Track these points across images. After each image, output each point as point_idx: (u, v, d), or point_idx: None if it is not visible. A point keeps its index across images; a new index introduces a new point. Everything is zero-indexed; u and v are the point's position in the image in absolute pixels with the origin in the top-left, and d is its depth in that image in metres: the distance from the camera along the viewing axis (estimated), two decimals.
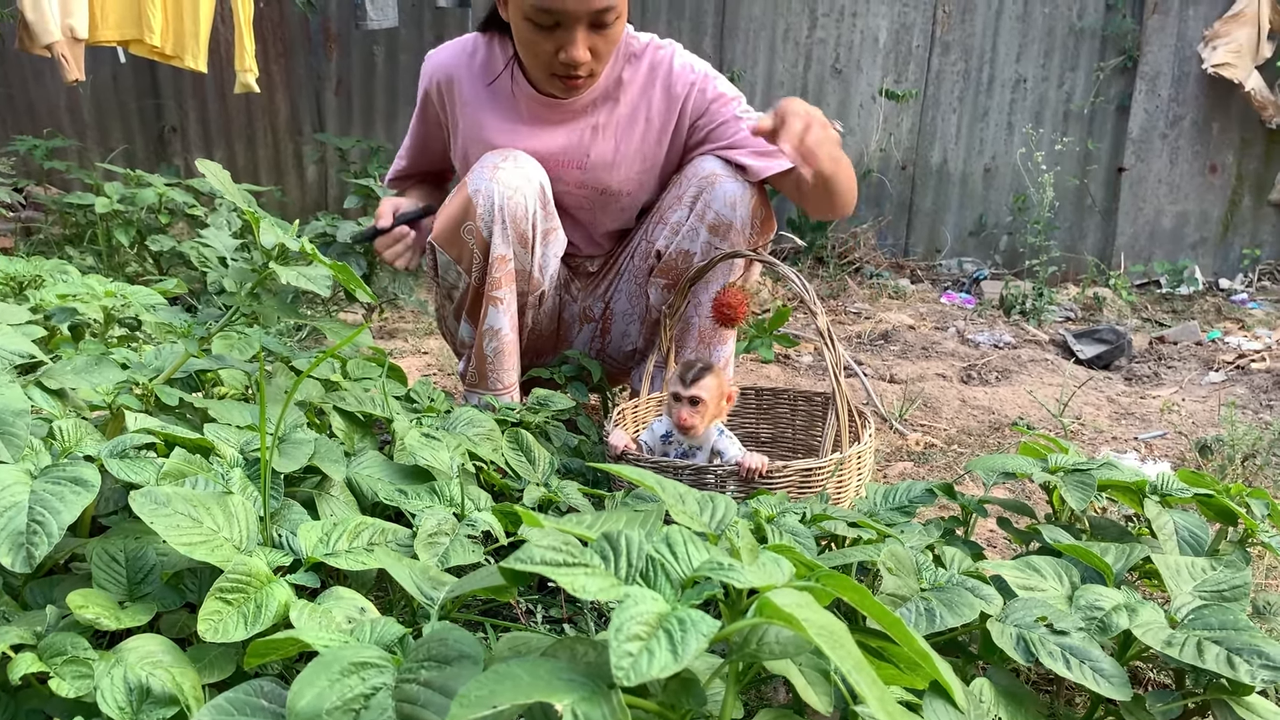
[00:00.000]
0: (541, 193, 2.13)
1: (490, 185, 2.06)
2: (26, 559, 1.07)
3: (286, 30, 5.96)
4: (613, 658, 0.61)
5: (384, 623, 0.89)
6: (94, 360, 1.42)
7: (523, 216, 2.10)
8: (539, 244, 2.16)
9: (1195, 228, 6.00)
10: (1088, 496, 1.49)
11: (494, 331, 2.16)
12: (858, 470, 1.88)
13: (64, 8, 3.57)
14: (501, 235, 2.08)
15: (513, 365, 2.23)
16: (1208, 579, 1.29)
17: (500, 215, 2.07)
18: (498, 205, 2.06)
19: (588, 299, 2.48)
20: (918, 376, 3.54)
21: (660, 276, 2.29)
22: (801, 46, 6.01)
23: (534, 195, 2.11)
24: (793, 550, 0.89)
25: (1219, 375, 3.75)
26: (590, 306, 2.48)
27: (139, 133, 6.05)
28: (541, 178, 2.14)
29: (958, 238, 6.17)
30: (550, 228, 2.19)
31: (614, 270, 2.45)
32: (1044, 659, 1.08)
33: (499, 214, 2.06)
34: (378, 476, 1.50)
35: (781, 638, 0.73)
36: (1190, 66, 5.74)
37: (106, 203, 3.76)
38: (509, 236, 2.10)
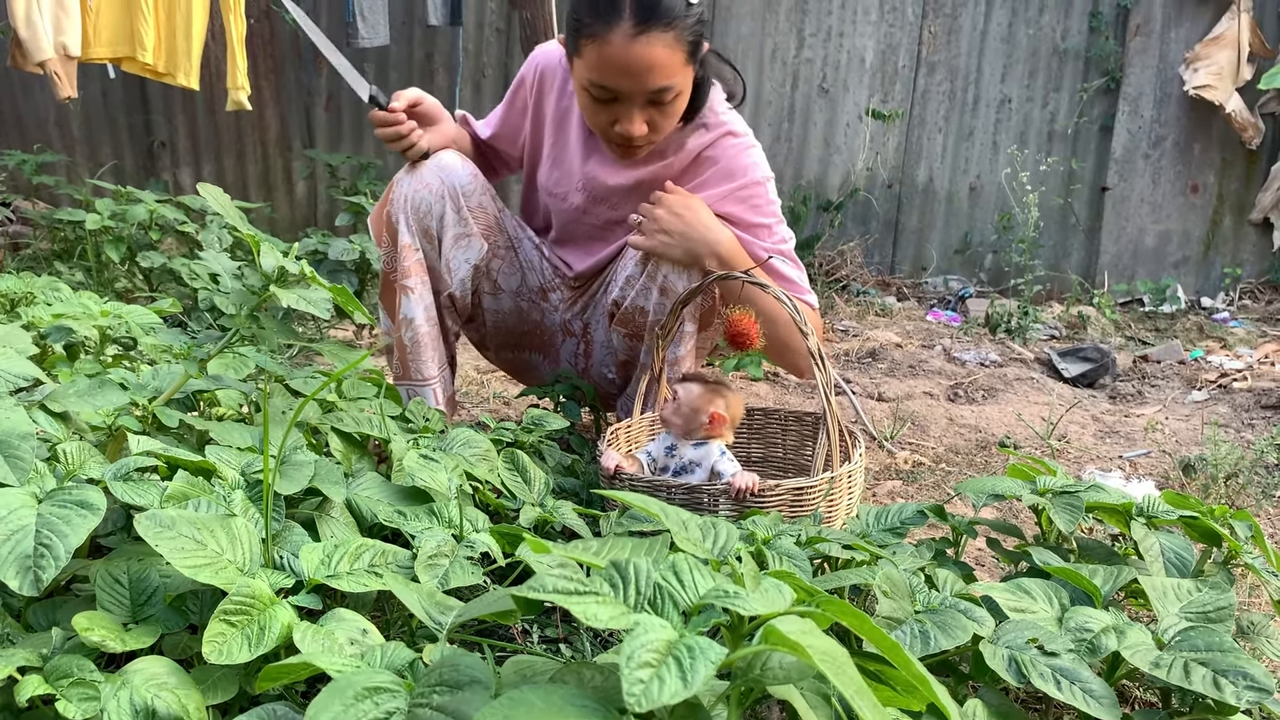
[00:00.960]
0: (453, 195, 2.20)
1: (407, 179, 2.19)
2: (34, 582, 1.08)
3: (277, 46, 5.98)
4: (625, 685, 0.63)
5: (394, 647, 0.91)
6: (97, 383, 1.43)
7: (426, 213, 2.19)
8: (447, 245, 2.22)
9: (1177, 247, 6.07)
10: (1076, 519, 1.52)
11: (408, 321, 2.20)
12: (848, 490, 1.90)
13: (57, 25, 3.58)
14: (406, 225, 2.18)
15: (432, 357, 2.25)
16: (1193, 600, 1.32)
17: (406, 205, 2.17)
18: (406, 196, 2.17)
19: (567, 313, 2.50)
20: (905, 395, 3.57)
21: (620, 326, 2.32)
22: (789, 66, 6.07)
23: (442, 195, 2.19)
24: (793, 576, 0.91)
25: (1202, 394, 3.80)
26: (569, 321, 2.50)
27: (128, 148, 6.05)
28: (461, 183, 2.20)
29: (943, 256, 6.23)
30: (462, 233, 2.23)
31: (591, 291, 2.48)
32: (1035, 680, 1.10)
33: (405, 204, 2.17)
34: (377, 498, 1.52)
35: (785, 663, 0.75)
36: (1172, 88, 5.83)
37: (97, 219, 3.76)
38: (413, 228, 2.19)
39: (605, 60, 1.95)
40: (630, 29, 1.91)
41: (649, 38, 1.92)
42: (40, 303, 2.43)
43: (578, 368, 2.54)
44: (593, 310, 2.48)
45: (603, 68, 1.96)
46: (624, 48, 1.92)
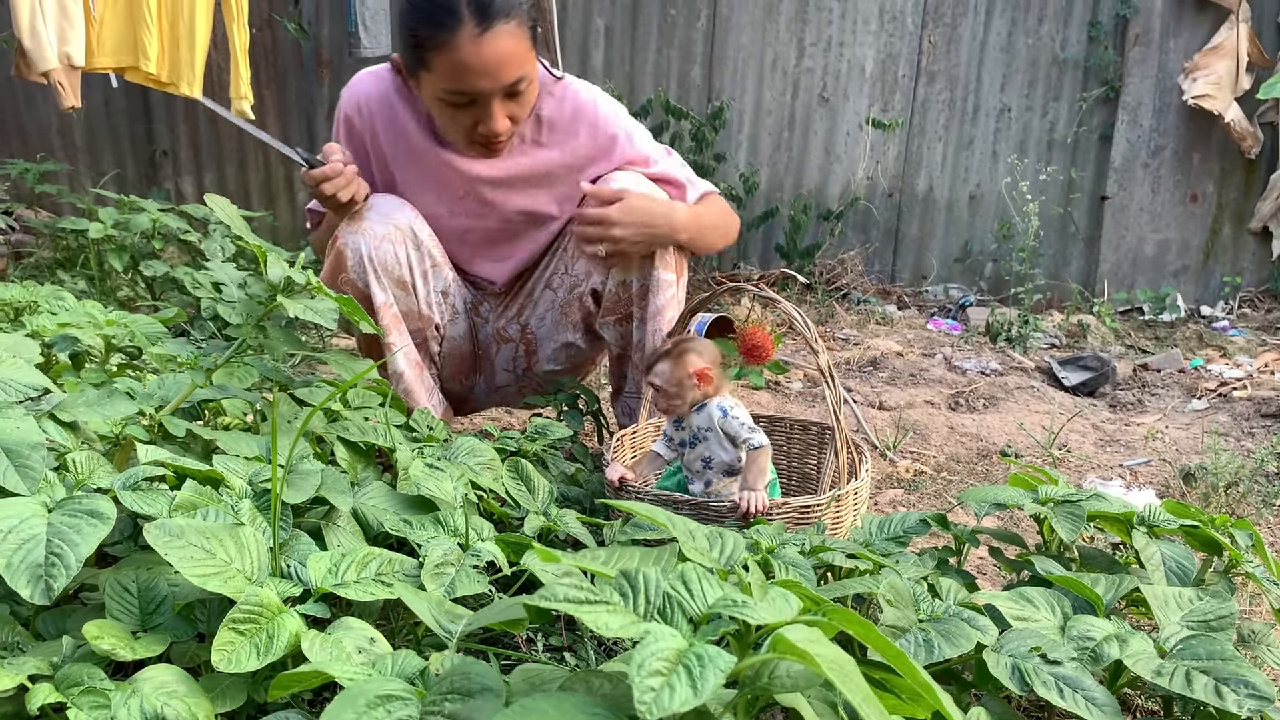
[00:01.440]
0: (411, 236, 2.19)
1: (356, 239, 2.12)
2: (45, 591, 1.09)
3: (279, 56, 5.99)
4: (636, 693, 0.64)
5: (404, 655, 0.92)
6: (106, 392, 1.44)
7: (395, 264, 2.16)
8: (419, 283, 2.22)
9: (1177, 255, 6.09)
10: (1078, 528, 1.53)
11: (397, 375, 2.22)
12: (854, 505, 1.91)
13: (61, 35, 3.59)
14: (378, 284, 2.14)
15: (423, 398, 2.28)
16: (1195, 609, 1.32)
17: (371, 266, 2.12)
18: (366, 256, 2.11)
19: (499, 320, 2.49)
20: (906, 403, 3.58)
21: (608, 315, 2.35)
22: (789, 76, 6.09)
23: (402, 240, 2.16)
24: (799, 585, 0.92)
25: (1202, 403, 3.81)
26: (504, 328, 2.49)
27: (130, 156, 6.07)
28: (409, 220, 2.19)
29: (943, 264, 6.24)
30: (428, 266, 2.24)
31: (525, 292, 2.47)
32: (1038, 688, 1.11)
33: (369, 264, 2.12)
34: (383, 507, 1.53)
35: (792, 671, 0.76)
36: (1171, 98, 5.84)
37: (100, 228, 3.77)
38: (385, 284, 2.15)
39: (457, 66, 1.94)
40: (474, 29, 1.91)
41: (494, 33, 1.92)
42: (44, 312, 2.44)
43: (517, 371, 2.53)
44: (532, 309, 2.46)
45: (456, 74, 1.95)
46: (473, 49, 1.92)
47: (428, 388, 2.27)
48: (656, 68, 6.11)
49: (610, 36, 6.08)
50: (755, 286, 2.07)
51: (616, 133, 2.27)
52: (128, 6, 3.83)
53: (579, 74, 6.13)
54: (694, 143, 5.65)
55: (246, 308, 1.66)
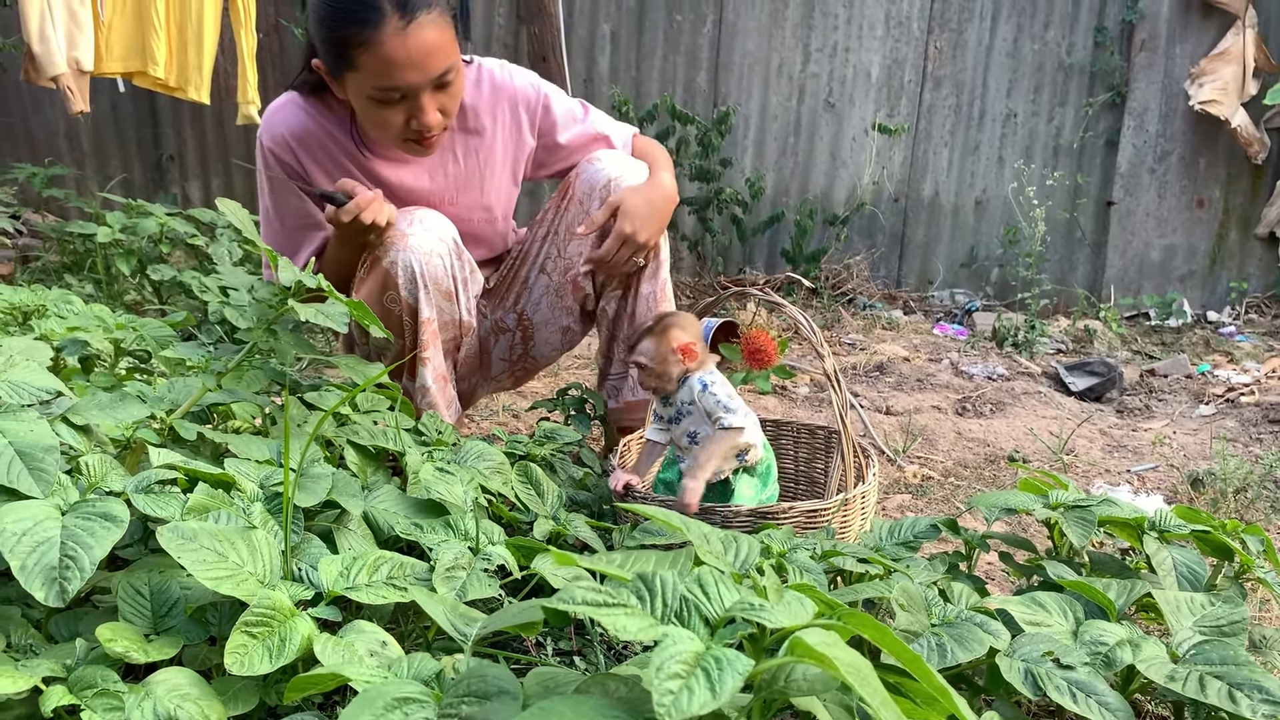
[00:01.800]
0: (455, 246, 2.18)
1: (405, 255, 2.06)
2: (60, 594, 1.09)
3: (286, 61, 6.01)
4: (655, 695, 0.64)
5: (420, 658, 0.92)
6: (118, 396, 1.44)
7: (443, 276, 2.13)
8: (461, 291, 2.21)
9: (1183, 261, 6.08)
10: (1088, 533, 1.53)
11: (424, 389, 2.20)
12: (861, 510, 1.91)
13: (70, 40, 3.61)
14: (427, 300, 2.11)
15: (445, 408, 2.27)
16: (1207, 614, 1.32)
17: (422, 281, 2.08)
18: (418, 273, 2.07)
19: (497, 312, 2.50)
20: (913, 408, 3.58)
21: (617, 289, 2.39)
22: (795, 81, 6.10)
23: (448, 252, 2.14)
24: (814, 589, 0.92)
25: (1209, 408, 3.80)
26: (501, 319, 2.50)
27: (137, 160, 6.09)
28: (450, 231, 2.18)
29: (949, 269, 6.24)
30: (468, 274, 2.24)
31: (520, 280, 2.48)
32: (1051, 693, 1.11)
33: (420, 280, 2.08)
34: (394, 510, 1.53)
35: (809, 675, 0.76)
36: (1177, 103, 5.84)
37: (108, 232, 3.79)
38: (433, 299, 2.12)
39: (385, 61, 1.91)
40: (398, 22, 1.88)
41: (418, 24, 1.90)
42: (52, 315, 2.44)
43: (512, 358, 2.54)
44: (527, 296, 2.47)
45: (384, 69, 1.92)
46: (400, 42, 1.89)
47: (447, 400, 2.27)
48: (662, 73, 6.12)
49: (616, 42, 6.09)
50: (761, 291, 2.07)
51: (537, 99, 2.32)
52: (136, 12, 3.85)
53: (585, 79, 6.17)
54: (700, 148, 5.66)
55: (257, 311, 1.67)
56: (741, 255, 6.15)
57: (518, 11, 5.65)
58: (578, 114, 2.39)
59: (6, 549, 1.10)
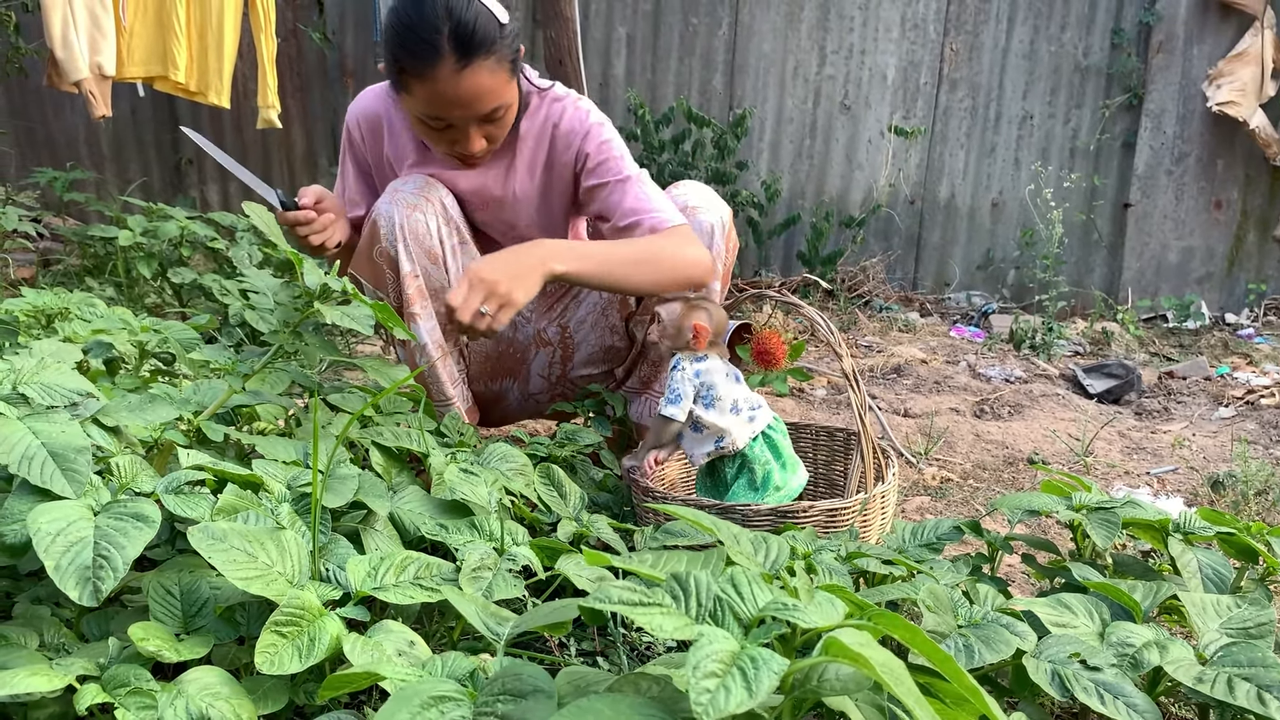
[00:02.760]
0: (443, 209, 2.19)
1: (390, 207, 2.14)
2: (94, 593, 1.10)
3: (304, 65, 6.05)
4: (692, 694, 0.65)
5: (454, 657, 0.93)
6: (147, 398, 1.46)
7: (425, 233, 2.15)
8: (450, 259, 2.21)
9: (1201, 263, 6.05)
10: (1113, 535, 1.53)
11: (420, 348, 2.20)
12: (881, 510, 1.91)
13: (92, 46, 3.64)
14: (406, 253, 2.14)
15: (449, 378, 2.26)
16: (1233, 616, 1.32)
17: (402, 234, 2.13)
18: (399, 224, 2.12)
19: (541, 320, 2.50)
20: (931, 411, 3.57)
21: (644, 314, 2.38)
22: (811, 83, 6.10)
23: (434, 213, 2.17)
24: (844, 590, 0.92)
25: (1229, 411, 3.78)
26: (544, 329, 2.50)
27: (156, 164, 6.13)
28: (442, 195, 2.21)
29: (966, 272, 6.23)
30: (458, 242, 2.24)
31: (570, 295, 2.49)
32: (1079, 694, 1.11)
33: (400, 232, 2.12)
34: (419, 511, 1.54)
35: (842, 674, 0.76)
36: (1195, 104, 5.82)
37: (130, 235, 3.82)
38: (414, 253, 2.15)
39: (435, 96, 1.98)
40: (453, 65, 1.93)
41: (473, 69, 1.95)
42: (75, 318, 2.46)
43: (551, 377, 2.53)
44: (575, 310, 2.48)
45: (433, 102, 1.99)
46: (451, 83, 1.95)
47: (451, 376, 2.28)
48: (678, 76, 6.13)
49: (632, 45, 6.10)
50: (778, 293, 2.08)
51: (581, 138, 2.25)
52: (157, 17, 3.88)
53: (601, 82, 6.18)
54: (716, 150, 5.66)
55: (283, 314, 1.68)
56: (757, 258, 6.15)
57: (534, 15, 5.66)
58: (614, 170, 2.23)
59: (41, 549, 1.11)
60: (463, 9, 1.92)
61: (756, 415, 2.05)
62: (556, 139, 2.25)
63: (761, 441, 2.05)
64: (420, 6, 1.92)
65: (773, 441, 2.06)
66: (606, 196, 2.21)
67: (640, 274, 2.11)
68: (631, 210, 2.17)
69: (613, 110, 5.97)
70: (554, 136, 2.26)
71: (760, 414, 2.06)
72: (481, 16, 1.94)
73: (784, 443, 2.10)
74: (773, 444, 2.06)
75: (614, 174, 2.23)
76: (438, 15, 1.91)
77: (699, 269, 2.15)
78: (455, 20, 1.91)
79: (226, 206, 6.09)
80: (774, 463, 2.06)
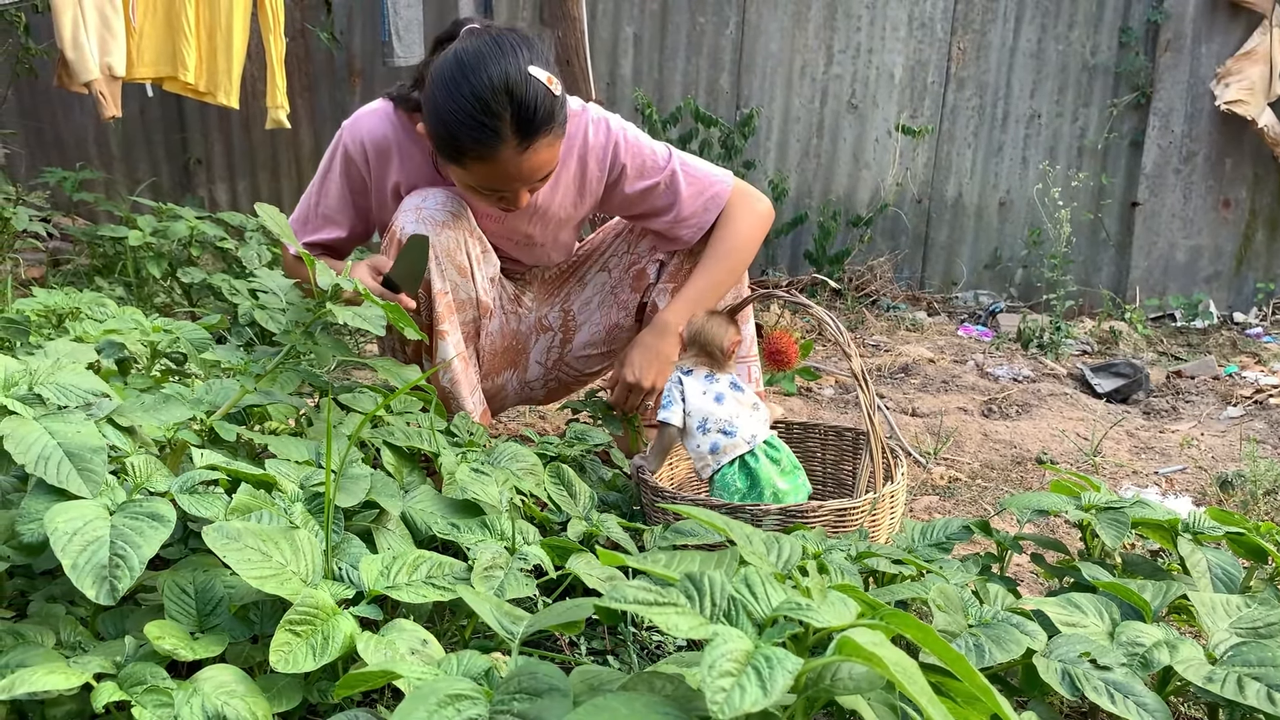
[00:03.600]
0: (466, 221, 2.19)
1: (417, 226, 2.11)
2: (111, 592, 1.12)
3: (311, 64, 6.06)
4: (708, 693, 0.65)
5: (469, 655, 0.93)
6: (161, 398, 1.47)
7: (456, 248, 2.15)
8: (476, 269, 2.22)
9: (1209, 262, 6.04)
10: (1122, 535, 1.53)
11: (446, 364, 2.21)
12: (890, 510, 1.92)
13: (102, 47, 3.66)
14: (438, 271, 2.13)
15: (469, 391, 2.28)
16: (1243, 616, 1.32)
17: (434, 253, 2.11)
18: (431, 242, 2.10)
19: (544, 308, 2.52)
20: (939, 410, 3.57)
21: (668, 282, 2.42)
22: (818, 83, 6.10)
23: (461, 226, 2.17)
24: (856, 590, 0.93)
25: (1237, 410, 3.78)
26: (546, 316, 2.52)
27: (165, 164, 6.15)
28: (461, 205, 2.19)
29: (973, 271, 6.22)
30: (481, 250, 2.25)
31: (574, 277, 2.52)
32: (1089, 693, 1.11)
33: (432, 251, 2.10)
34: (430, 510, 1.55)
35: (854, 673, 0.77)
36: (1203, 103, 5.80)
37: (139, 235, 3.83)
38: (445, 270, 2.15)
39: (493, 174, 1.97)
40: (516, 147, 1.92)
41: (534, 147, 1.95)
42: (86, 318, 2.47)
43: (547, 362, 2.55)
44: (579, 293, 2.51)
45: (490, 178, 1.99)
46: (514, 163, 1.95)
47: (471, 384, 2.29)
48: (685, 75, 6.13)
49: (639, 44, 6.11)
50: (787, 292, 2.09)
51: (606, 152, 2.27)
52: (167, 18, 3.90)
53: (608, 83, 6.19)
54: (723, 149, 5.67)
55: (294, 314, 1.69)
56: (765, 257, 6.15)
57: (541, 16, 5.67)
58: (655, 165, 2.31)
59: (59, 548, 1.12)
60: (522, 90, 1.89)
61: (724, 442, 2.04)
62: (587, 156, 2.25)
63: (736, 468, 2.03)
64: (479, 90, 1.88)
65: (749, 470, 2.03)
66: (661, 194, 2.31)
67: (733, 271, 2.35)
68: (693, 199, 2.32)
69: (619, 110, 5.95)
70: (581, 154, 2.25)
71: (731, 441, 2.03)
72: (540, 95, 1.91)
73: (765, 469, 2.03)
74: (749, 472, 2.03)
75: (657, 170, 2.30)
76: (498, 99, 1.88)
77: (765, 215, 2.39)
78: (517, 104, 1.89)
79: (235, 206, 6.10)
80: (748, 489, 2.03)
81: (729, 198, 2.34)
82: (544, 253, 2.45)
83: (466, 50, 1.92)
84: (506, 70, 1.89)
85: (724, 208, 2.34)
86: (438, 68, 1.95)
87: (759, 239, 2.39)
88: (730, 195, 2.35)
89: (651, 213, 2.34)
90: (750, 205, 2.36)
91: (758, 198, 2.39)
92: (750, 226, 2.36)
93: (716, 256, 2.34)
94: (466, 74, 1.89)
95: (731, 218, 2.34)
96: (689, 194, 2.31)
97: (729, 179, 2.37)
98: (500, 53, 1.90)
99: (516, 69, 1.89)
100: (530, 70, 1.91)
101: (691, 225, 2.34)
